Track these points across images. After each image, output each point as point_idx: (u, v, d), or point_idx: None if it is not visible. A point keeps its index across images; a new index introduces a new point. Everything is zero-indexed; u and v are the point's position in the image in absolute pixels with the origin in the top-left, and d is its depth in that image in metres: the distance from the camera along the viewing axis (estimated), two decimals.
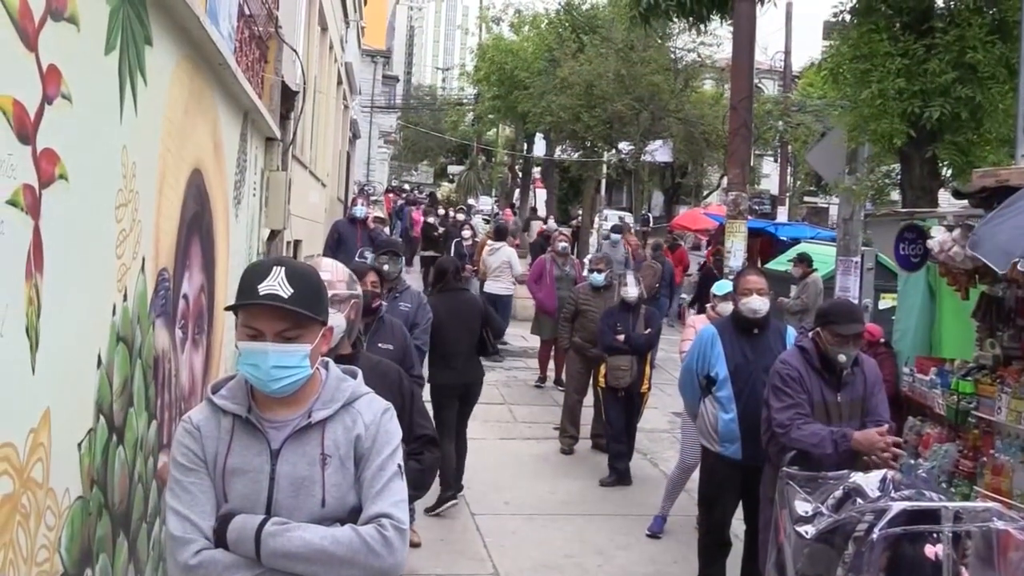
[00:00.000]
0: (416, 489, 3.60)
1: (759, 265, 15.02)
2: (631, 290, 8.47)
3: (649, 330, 8.48)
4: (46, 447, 2.40)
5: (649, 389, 8.71)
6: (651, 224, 31.89)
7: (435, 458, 3.90)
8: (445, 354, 7.10)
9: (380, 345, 4.94)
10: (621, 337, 8.30)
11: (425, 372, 6.39)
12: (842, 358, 4.79)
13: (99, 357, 2.86)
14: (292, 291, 2.33)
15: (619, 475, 8.34)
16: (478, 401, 7.70)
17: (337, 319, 3.43)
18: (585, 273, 10.89)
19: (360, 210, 11.36)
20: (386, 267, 6.41)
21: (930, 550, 3.77)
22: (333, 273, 3.49)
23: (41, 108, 2.26)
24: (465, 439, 7.54)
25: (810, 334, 5.05)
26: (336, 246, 11.00)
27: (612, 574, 6.31)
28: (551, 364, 12.31)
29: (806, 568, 4.19)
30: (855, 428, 4.86)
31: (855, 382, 4.90)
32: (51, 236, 2.34)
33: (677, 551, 6.68)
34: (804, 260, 12.77)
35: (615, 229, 17.09)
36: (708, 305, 7.22)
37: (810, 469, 4.44)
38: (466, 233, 16.63)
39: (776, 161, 31.83)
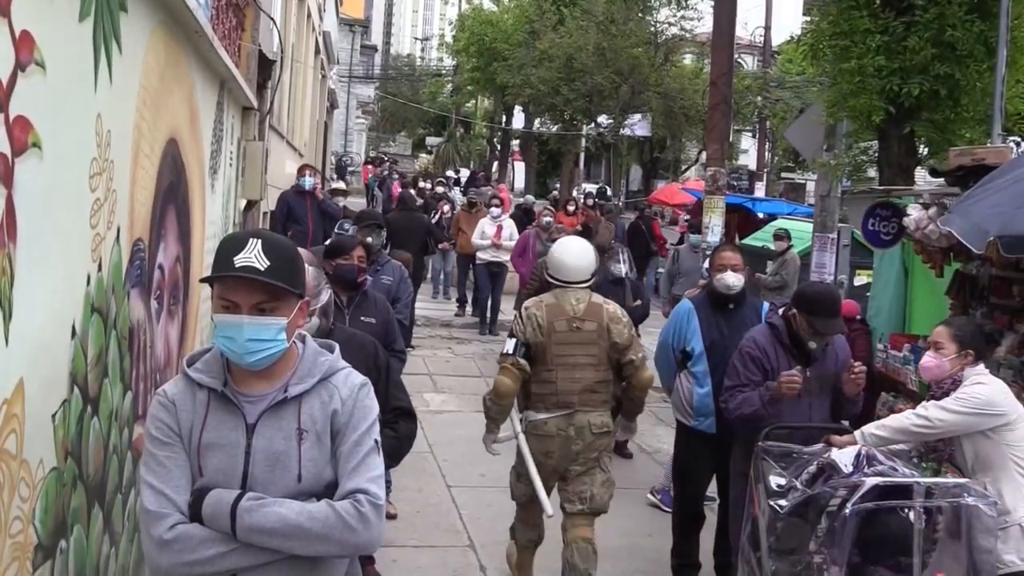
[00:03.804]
0: (391, 459, 3.61)
1: (736, 240, 15.08)
2: (621, 266, 8.35)
3: (639, 302, 8.36)
4: (20, 418, 2.38)
5: None
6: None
7: (411, 428, 3.91)
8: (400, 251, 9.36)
9: (363, 319, 4.95)
10: None
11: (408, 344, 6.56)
12: (812, 345, 4.79)
13: (73, 328, 2.83)
14: (268, 263, 2.31)
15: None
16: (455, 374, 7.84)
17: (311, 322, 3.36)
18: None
19: (308, 181, 10.96)
20: (369, 239, 6.39)
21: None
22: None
23: (14, 75, 2.21)
24: (413, 311, 10.07)
25: (780, 310, 5.05)
26: (286, 219, 10.73)
27: None
28: None
29: (779, 542, 4.25)
30: (825, 403, 4.90)
31: (825, 357, 4.90)
32: (24, 205, 2.31)
33: (651, 524, 6.73)
34: (787, 236, 12.77)
35: (693, 228, 13.91)
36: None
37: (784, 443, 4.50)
38: (444, 207, 16.51)
39: (754, 137, 31.91)
